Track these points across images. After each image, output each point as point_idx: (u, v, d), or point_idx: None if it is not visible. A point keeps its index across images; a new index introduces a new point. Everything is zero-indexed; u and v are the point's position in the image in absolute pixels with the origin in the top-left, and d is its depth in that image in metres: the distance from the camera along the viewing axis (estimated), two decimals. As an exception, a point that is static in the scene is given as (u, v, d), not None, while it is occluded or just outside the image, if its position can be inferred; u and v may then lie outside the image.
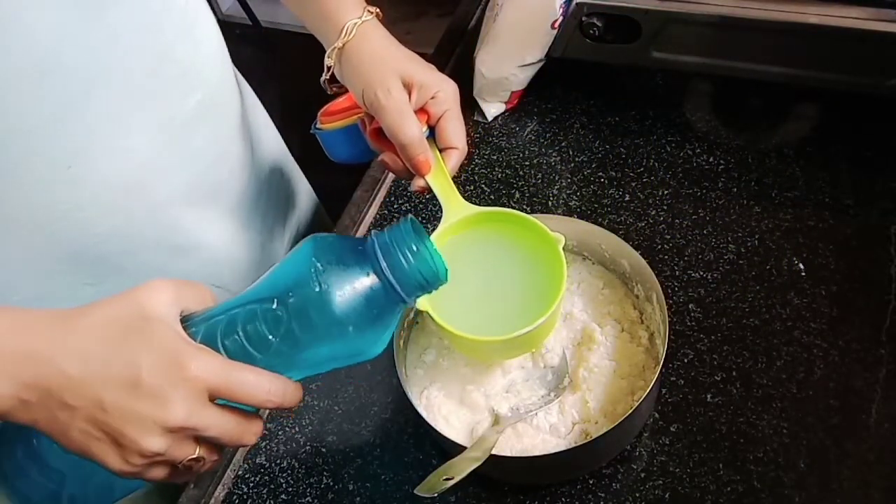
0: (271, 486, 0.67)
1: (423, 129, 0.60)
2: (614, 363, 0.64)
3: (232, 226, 0.74)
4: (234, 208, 0.74)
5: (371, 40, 0.62)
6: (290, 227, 0.88)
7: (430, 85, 0.61)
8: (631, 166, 0.82)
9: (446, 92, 0.61)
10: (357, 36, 0.61)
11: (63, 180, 0.56)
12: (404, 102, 0.60)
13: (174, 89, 0.62)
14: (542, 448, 0.61)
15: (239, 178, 0.74)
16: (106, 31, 0.55)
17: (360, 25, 0.61)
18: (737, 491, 0.60)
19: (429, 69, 0.62)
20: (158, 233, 0.65)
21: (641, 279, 0.64)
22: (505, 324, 0.55)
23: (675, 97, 0.88)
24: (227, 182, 0.72)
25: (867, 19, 0.73)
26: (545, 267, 0.58)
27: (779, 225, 0.75)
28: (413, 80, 0.60)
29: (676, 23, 0.79)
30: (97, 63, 0.55)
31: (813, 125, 0.84)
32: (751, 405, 0.64)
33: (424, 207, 0.83)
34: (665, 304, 0.61)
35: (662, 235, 0.76)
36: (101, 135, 0.57)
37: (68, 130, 0.55)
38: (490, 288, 0.59)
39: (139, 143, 0.60)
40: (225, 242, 0.73)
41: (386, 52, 0.62)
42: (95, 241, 0.61)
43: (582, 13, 0.81)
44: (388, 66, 0.61)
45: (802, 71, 0.78)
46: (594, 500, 0.62)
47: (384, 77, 0.60)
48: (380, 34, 0.63)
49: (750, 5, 0.76)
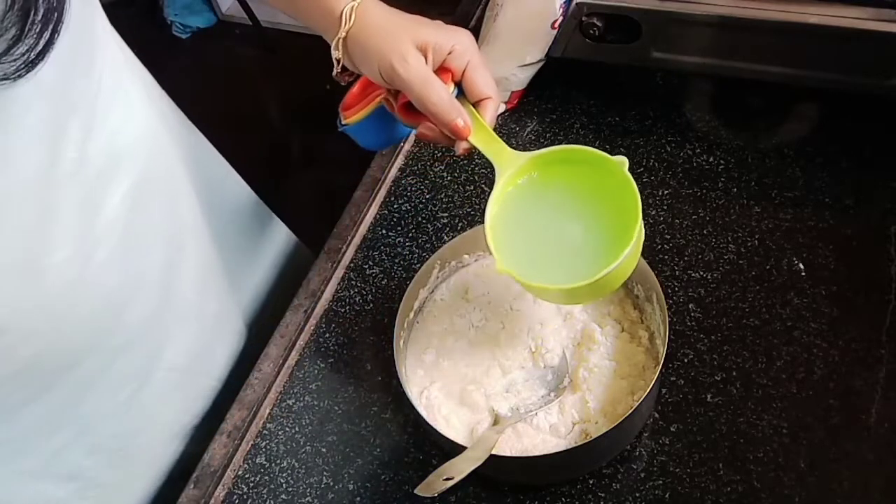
0: (271, 486, 0.67)
1: (451, 90, 0.58)
2: (614, 363, 0.64)
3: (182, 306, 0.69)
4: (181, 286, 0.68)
5: (373, 17, 0.59)
6: (263, 267, 0.87)
7: (444, 42, 0.58)
8: (631, 166, 0.82)
9: (463, 44, 0.59)
10: (357, 19, 0.59)
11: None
12: (424, 68, 0.57)
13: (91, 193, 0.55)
14: (542, 448, 0.61)
15: (187, 251, 0.69)
16: (5, 156, 0.47)
17: (357, 7, 0.59)
18: (737, 491, 0.60)
19: (438, 26, 0.60)
20: (96, 340, 0.59)
21: (641, 279, 0.64)
22: (590, 264, 0.53)
23: (675, 97, 0.88)
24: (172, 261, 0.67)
25: (867, 19, 0.73)
26: (615, 196, 0.55)
27: (779, 225, 0.74)
28: (426, 42, 0.58)
29: (676, 23, 0.79)
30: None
31: (813, 125, 0.84)
32: (751, 405, 0.64)
33: (424, 207, 0.83)
34: (665, 303, 0.61)
35: (662, 235, 0.76)
36: (26, 256, 0.50)
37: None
38: (564, 231, 0.57)
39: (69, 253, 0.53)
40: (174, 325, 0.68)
41: (390, 23, 0.59)
42: (28, 362, 0.54)
43: (582, 13, 0.81)
44: (397, 36, 0.58)
45: (802, 71, 0.78)
46: (594, 500, 0.62)
47: (397, 48, 0.57)
48: (379, 9, 0.60)
49: (750, 5, 0.76)
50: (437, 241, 0.80)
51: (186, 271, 0.69)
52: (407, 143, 0.89)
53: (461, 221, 0.81)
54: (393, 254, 0.80)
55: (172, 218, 0.67)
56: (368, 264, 0.80)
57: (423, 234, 0.81)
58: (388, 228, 0.82)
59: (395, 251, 0.81)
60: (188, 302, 0.70)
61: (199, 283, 0.72)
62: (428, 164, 0.87)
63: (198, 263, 0.71)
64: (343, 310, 0.77)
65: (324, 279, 0.79)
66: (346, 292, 0.79)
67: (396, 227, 0.82)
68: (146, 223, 0.62)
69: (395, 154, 0.88)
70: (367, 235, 0.82)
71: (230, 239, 0.79)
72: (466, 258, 0.71)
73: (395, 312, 0.65)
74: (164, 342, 0.68)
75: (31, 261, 0.51)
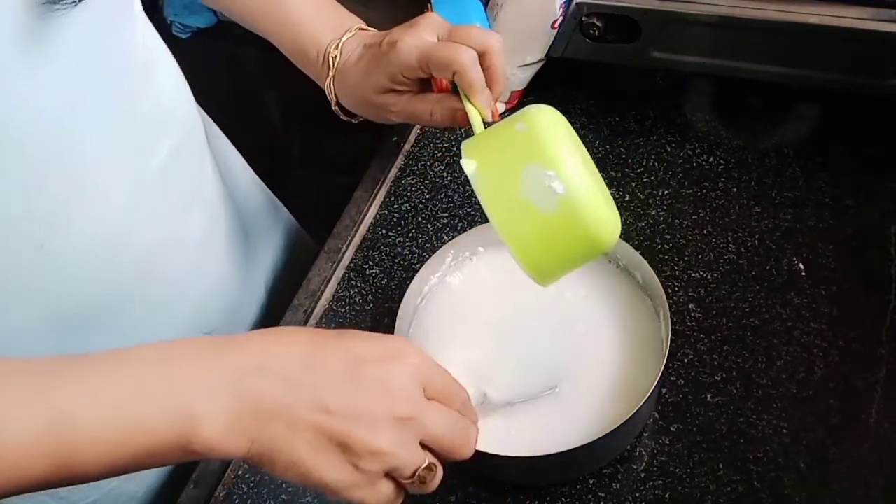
0: (271, 486, 0.67)
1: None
2: (615, 362, 0.64)
3: (215, 269, 0.72)
4: (214, 250, 0.72)
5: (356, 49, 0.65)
6: (269, 253, 0.87)
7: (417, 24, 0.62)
8: (631, 166, 0.82)
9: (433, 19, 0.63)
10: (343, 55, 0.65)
11: (37, 259, 0.52)
12: (426, 40, 0.60)
13: (142, 143, 0.59)
14: (542, 448, 0.61)
15: (217, 216, 0.72)
16: (62, 104, 0.50)
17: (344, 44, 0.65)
18: (737, 491, 0.60)
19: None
20: (141, 289, 0.62)
21: (651, 293, 0.65)
22: None
23: (675, 97, 0.88)
24: (206, 223, 0.70)
25: (867, 19, 0.73)
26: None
27: (779, 225, 0.74)
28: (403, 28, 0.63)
29: (676, 23, 0.79)
30: (58, 136, 0.50)
31: (813, 125, 0.84)
32: (751, 405, 0.64)
33: (424, 207, 0.83)
34: (666, 304, 0.61)
35: (662, 235, 0.76)
36: (71, 206, 0.53)
37: (35, 208, 0.51)
38: None
39: (113, 205, 0.56)
40: (209, 287, 0.71)
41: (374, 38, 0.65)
42: (75, 309, 0.57)
43: (582, 13, 0.81)
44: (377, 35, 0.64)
45: (802, 71, 0.78)
46: (594, 500, 0.62)
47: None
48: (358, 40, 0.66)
49: (750, 5, 0.76)
50: (437, 241, 0.80)
51: (219, 240, 0.72)
52: (407, 143, 0.89)
53: (461, 221, 0.81)
54: (393, 254, 0.80)
55: (205, 185, 0.69)
56: (368, 264, 0.80)
57: (423, 234, 0.81)
58: (388, 228, 0.82)
59: (395, 251, 0.81)
60: (220, 272, 0.73)
61: (230, 253, 0.75)
62: (428, 164, 0.87)
63: (227, 234, 0.74)
64: (343, 310, 0.77)
65: (324, 279, 0.79)
66: (346, 292, 0.79)
67: (396, 227, 0.82)
68: (185, 186, 0.65)
69: (395, 154, 0.88)
70: (367, 235, 0.82)
71: (245, 217, 0.81)
72: (481, 250, 0.72)
73: (395, 312, 0.65)
74: (201, 306, 0.70)
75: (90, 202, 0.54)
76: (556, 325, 0.66)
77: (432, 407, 0.44)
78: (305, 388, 0.41)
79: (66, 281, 0.55)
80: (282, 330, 0.45)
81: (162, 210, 0.62)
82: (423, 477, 0.44)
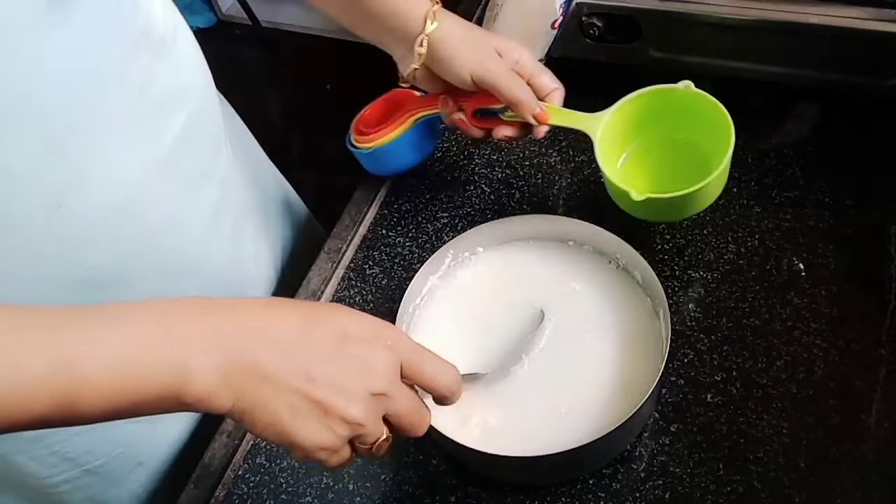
0: (271, 486, 0.67)
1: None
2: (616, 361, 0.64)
3: (227, 243, 0.73)
4: (225, 225, 0.72)
5: (454, 24, 0.69)
6: (280, 234, 0.87)
7: (513, 50, 0.69)
8: (631, 166, 0.82)
9: (525, 54, 0.70)
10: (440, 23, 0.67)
11: (53, 220, 0.54)
12: (507, 68, 0.68)
13: (159, 113, 0.60)
14: (542, 448, 0.61)
15: (229, 192, 0.73)
16: (83, 68, 0.52)
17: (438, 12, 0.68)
18: (737, 491, 0.60)
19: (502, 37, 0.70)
20: (154, 258, 0.63)
21: (651, 293, 0.65)
22: (689, 178, 0.65)
23: (675, 97, 0.88)
24: (217, 198, 0.70)
25: (867, 19, 0.73)
26: (703, 118, 0.69)
27: (779, 225, 0.74)
28: (500, 49, 0.68)
29: (676, 23, 0.79)
30: (76, 101, 0.52)
31: (813, 125, 0.83)
32: (751, 405, 0.64)
33: (424, 207, 0.83)
34: (666, 303, 0.61)
35: (662, 235, 0.76)
36: (88, 170, 0.55)
37: (53, 171, 0.52)
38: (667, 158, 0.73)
39: (128, 173, 0.58)
40: (220, 261, 0.72)
41: (472, 30, 0.70)
42: (88, 273, 0.58)
43: (582, 13, 0.81)
44: (482, 42, 0.69)
45: (802, 71, 0.78)
46: (594, 500, 0.62)
47: (484, 52, 0.68)
48: (455, 18, 0.69)
49: (750, 5, 0.76)
50: (437, 241, 0.80)
51: (230, 218, 0.73)
52: (407, 143, 0.89)
53: (461, 221, 0.81)
54: (393, 254, 0.80)
55: (216, 162, 0.70)
56: (368, 264, 0.80)
57: (423, 234, 0.81)
58: (388, 228, 0.82)
59: (395, 251, 0.81)
60: (230, 249, 0.74)
61: (241, 232, 0.76)
62: (428, 164, 0.87)
63: (239, 212, 0.75)
64: (343, 310, 0.77)
65: (324, 279, 0.79)
66: (346, 292, 0.79)
67: (396, 227, 0.82)
68: (197, 161, 0.66)
69: (395, 154, 0.88)
70: (367, 235, 0.82)
71: (257, 199, 0.82)
72: (481, 250, 0.72)
73: (395, 312, 0.65)
74: (211, 283, 0.71)
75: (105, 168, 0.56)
76: (557, 325, 0.67)
77: (403, 388, 0.49)
78: (294, 356, 0.45)
79: (80, 244, 0.57)
80: (282, 301, 0.49)
81: (174, 180, 0.63)
82: (380, 446, 0.48)
